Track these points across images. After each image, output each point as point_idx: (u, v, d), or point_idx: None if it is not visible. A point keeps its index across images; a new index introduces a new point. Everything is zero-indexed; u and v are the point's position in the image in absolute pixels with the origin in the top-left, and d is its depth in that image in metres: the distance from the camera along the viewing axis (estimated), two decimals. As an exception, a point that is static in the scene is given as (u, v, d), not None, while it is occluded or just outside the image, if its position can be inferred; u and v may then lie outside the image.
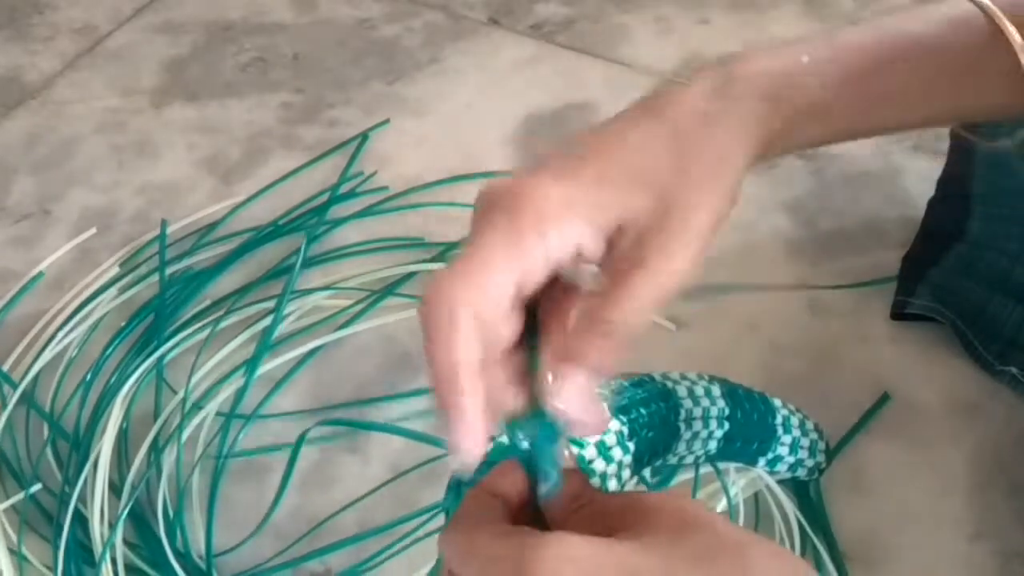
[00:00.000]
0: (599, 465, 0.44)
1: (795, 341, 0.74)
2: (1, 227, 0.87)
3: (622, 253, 0.42)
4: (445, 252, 0.81)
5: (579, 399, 0.41)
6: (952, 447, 0.68)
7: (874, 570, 0.63)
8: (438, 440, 0.67)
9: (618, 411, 0.46)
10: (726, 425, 0.52)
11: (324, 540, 0.66)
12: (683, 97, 0.46)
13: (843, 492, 0.65)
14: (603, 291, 0.42)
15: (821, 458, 0.61)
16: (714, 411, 0.51)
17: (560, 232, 0.41)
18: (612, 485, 0.44)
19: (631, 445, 0.45)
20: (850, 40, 0.48)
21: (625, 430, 0.45)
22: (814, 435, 0.60)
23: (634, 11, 1.02)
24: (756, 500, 0.64)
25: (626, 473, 0.45)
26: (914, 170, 0.85)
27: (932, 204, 0.76)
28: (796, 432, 0.58)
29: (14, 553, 0.65)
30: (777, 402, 0.57)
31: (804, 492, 0.65)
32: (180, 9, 1.07)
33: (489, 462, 0.42)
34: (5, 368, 0.76)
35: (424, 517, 0.65)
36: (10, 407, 0.72)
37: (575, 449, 0.43)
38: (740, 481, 0.62)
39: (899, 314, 0.74)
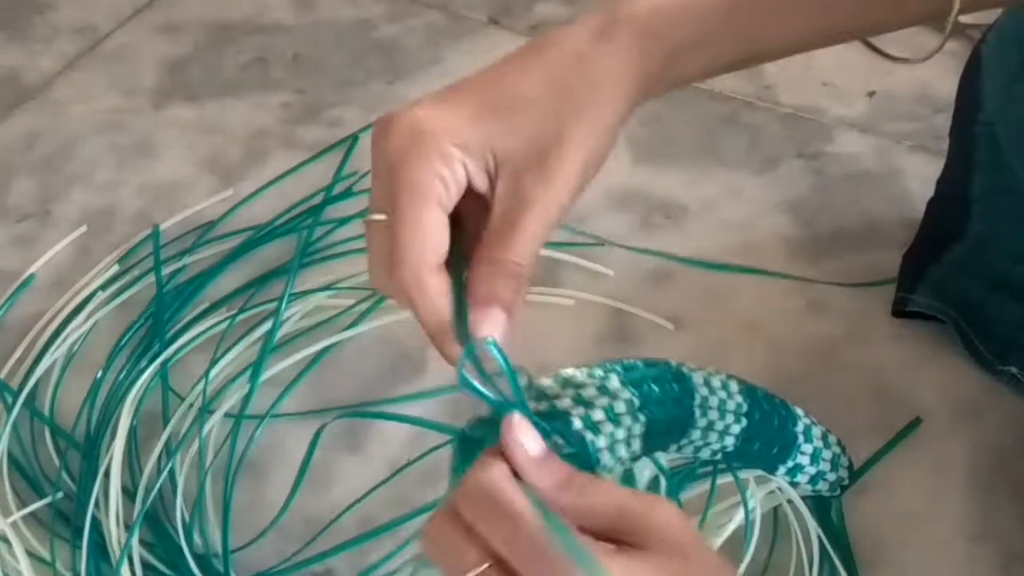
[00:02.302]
0: (607, 428, 0.44)
1: (795, 341, 0.74)
2: (1, 227, 0.87)
3: (504, 190, 0.45)
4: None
5: (500, 331, 0.44)
6: (952, 447, 0.68)
7: (874, 570, 0.63)
8: (449, 428, 0.67)
9: (629, 382, 0.46)
10: (743, 421, 0.51)
11: (326, 540, 0.66)
12: (564, 38, 0.47)
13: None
14: (493, 231, 0.45)
15: (843, 473, 0.59)
16: (731, 404, 0.51)
17: (452, 169, 0.45)
18: (622, 452, 0.44)
19: (642, 416, 0.45)
20: None
21: (636, 401, 0.45)
22: (836, 449, 0.59)
23: (634, 11, 1.02)
24: (776, 516, 0.63)
25: (636, 444, 0.45)
26: (914, 170, 0.85)
27: (931, 204, 0.75)
28: (818, 443, 0.57)
29: (34, 557, 0.65)
30: (799, 411, 0.56)
31: (826, 512, 0.63)
32: (180, 9, 1.07)
33: (489, 420, 0.43)
34: (4, 372, 0.76)
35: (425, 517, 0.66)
36: (14, 413, 0.72)
37: (579, 423, 0.43)
38: (759, 493, 0.61)
39: (900, 311, 0.74)
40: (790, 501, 0.62)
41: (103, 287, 0.80)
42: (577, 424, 0.43)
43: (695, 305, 0.77)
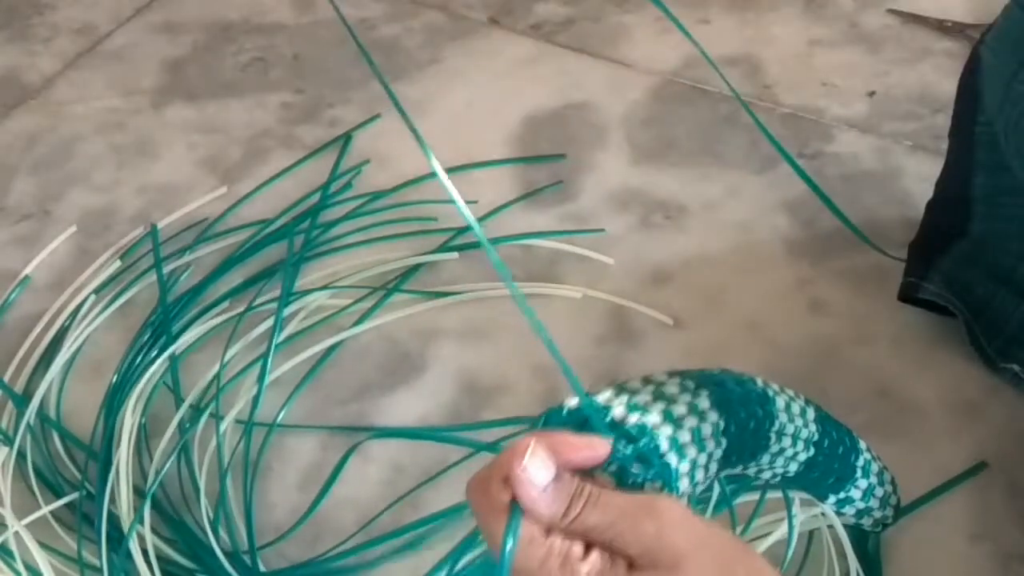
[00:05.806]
0: (691, 452, 0.43)
1: (795, 341, 0.74)
2: (1, 227, 0.87)
3: None
4: (444, 244, 0.81)
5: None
6: (952, 447, 0.68)
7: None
8: (466, 441, 0.67)
9: (717, 404, 0.45)
10: (811, 450, 0.50)
11: (325, 539, 0.66)
12: None
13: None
14: None
15: (889, 512, 0.58)
16: (804, 433, 0.49)
17: None
18: (699, 476, 0.44)
19: (724, 440, 0.45)
20: None
21: (721, 423, 0.45)
22: (889, 487, 0.58)
23: (634, 11, 1.02)
24: (810, 538, 0.62)
25: (713, 468, 0.45)
26: (914, 170, 0.85)
27: (931, 205, 0.75)
28: (873, 479, 0.56)
29: (56, 555, 0.66)
30: (862, 444, 0.55)
31: (862, 543, 0.62)
32: (180, 9, 1.07)
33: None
34: (8, 374, 0.76)
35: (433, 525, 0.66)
36: (27, 419, 0.72)
37: (666, 444, 0.42)
38: (802, 515, 0.59)
39: (911, 297, 0.73)
40: (831, 527, 0.61)
41: (96, 291, 0.80)
42: (664, 446, 0.43)
43: (696, 303, 0.77)
